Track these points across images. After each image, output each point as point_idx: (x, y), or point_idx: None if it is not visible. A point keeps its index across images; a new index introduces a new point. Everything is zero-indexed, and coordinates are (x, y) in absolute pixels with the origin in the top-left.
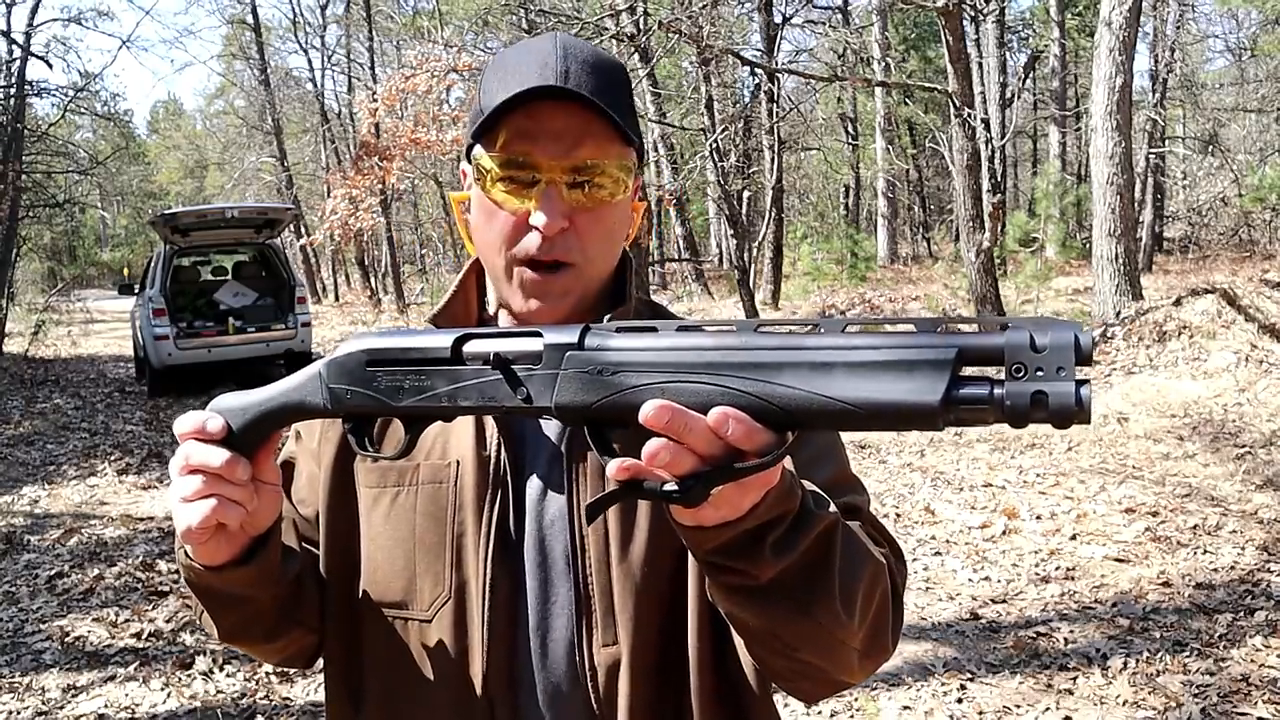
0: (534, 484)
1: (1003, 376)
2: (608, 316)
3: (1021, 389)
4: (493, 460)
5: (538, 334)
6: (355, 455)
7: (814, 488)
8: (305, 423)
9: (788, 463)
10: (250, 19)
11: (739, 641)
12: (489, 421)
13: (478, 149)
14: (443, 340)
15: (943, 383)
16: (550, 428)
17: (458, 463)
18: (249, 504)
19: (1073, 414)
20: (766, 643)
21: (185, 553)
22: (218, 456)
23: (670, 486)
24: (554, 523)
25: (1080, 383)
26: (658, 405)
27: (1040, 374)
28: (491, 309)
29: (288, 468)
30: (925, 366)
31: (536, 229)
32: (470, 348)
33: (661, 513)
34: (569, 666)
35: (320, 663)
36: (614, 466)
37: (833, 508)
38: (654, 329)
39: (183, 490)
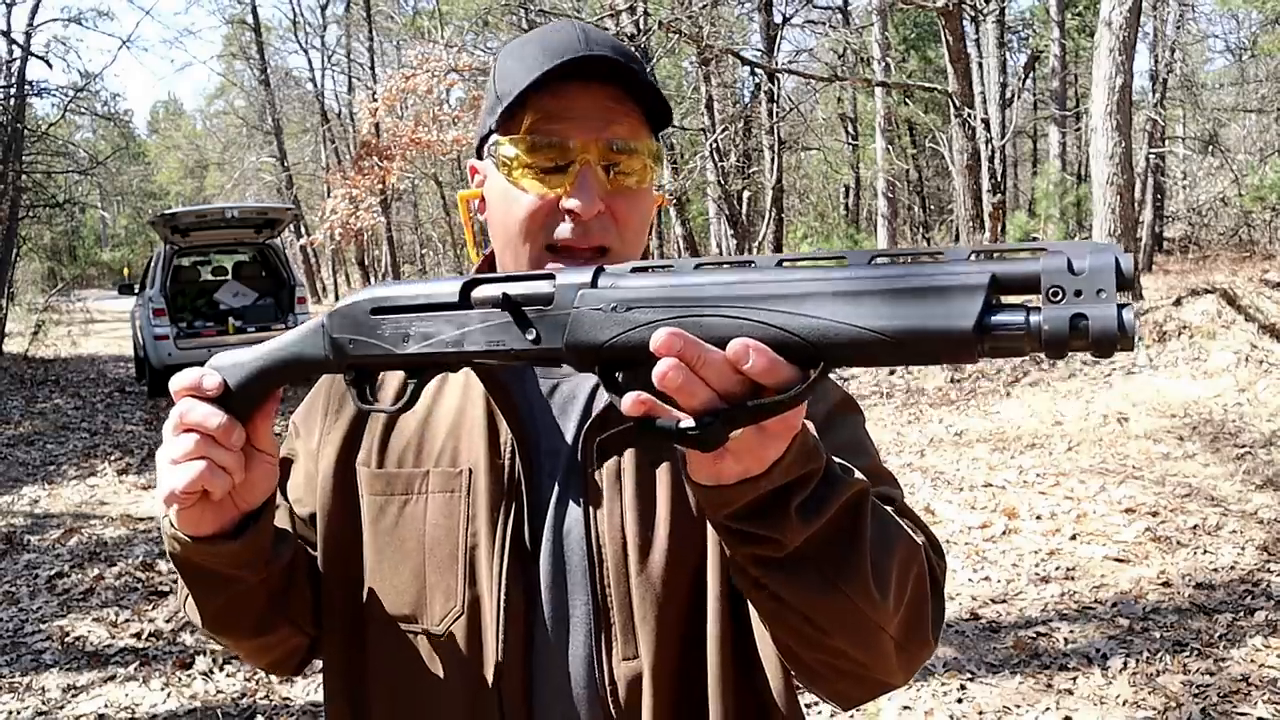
0: (550, 492)
1: (1039, 304)
2: None
3: (1060, 313)
4: (507, 468)
5: (550, 276)
6: (358, 459)
7: (841, 461)
8: (305, 420)
9: (811, 427)
10: (250, 19)
11: (766, 641)
12: (503, 428)
13: (496, 138)
14: (451, 286)
15: (976, 308)
16: (566, 433)
17: (470, 471)
18: (238, 473)
19: (1115, 339)
20: (796, 629)
21: (170, 521)
22: (214, 418)
23: (687, 423)
24: (571, 532)
25: (1122, 306)
26: (668, 332)
27: (1079, 297)
28: None
29: (285, 464)
30: (958, 292)
31: (572, 212)
32: (480, 292)
33: (682, 521)
34: (588, 681)
35: (318, 665)
36: (629, 400)
37: (860, 476)
38: (670, 267)
39: (173, 451)
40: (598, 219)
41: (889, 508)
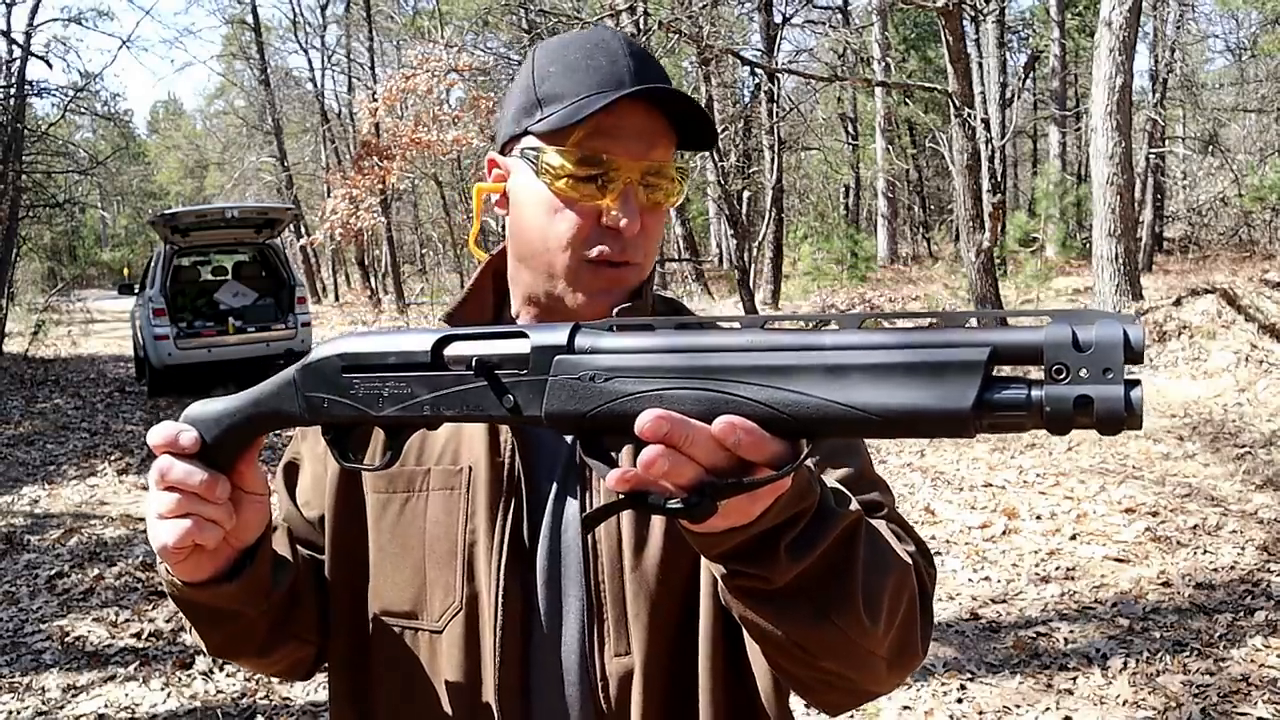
0: (548, 490)
1: (1041, 378)
2: (615, 310)
3: (1063, 393)
4: (506, 466)
5: (523, 334)
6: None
7: (835, 484)
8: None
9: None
10: (250, 19)
11: (756, 651)
12: (503, 426)
13: (539, 144)
14: (421, 342)
15: (974, 387)
16: None
17: (470, 469)
18: (227, 522)
19: (1121, 420)
20: (786, 651)
21: (165, 568)
22: (195, 475)
23: (675, 502)
24: (568, 529)
25: (1130, 384)
26: (654, 416)
27: (1085, 376)
28: (515, 308)
29: (292, 468)
30: (954, 369)
31: (615, 229)
32: (451, 350)
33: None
34: (581, 677)
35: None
36: (612, 478)
37: (855, 505)
38: (650, 327)
39: (158, 506)
40: (635, 236)
41: (879, 518)
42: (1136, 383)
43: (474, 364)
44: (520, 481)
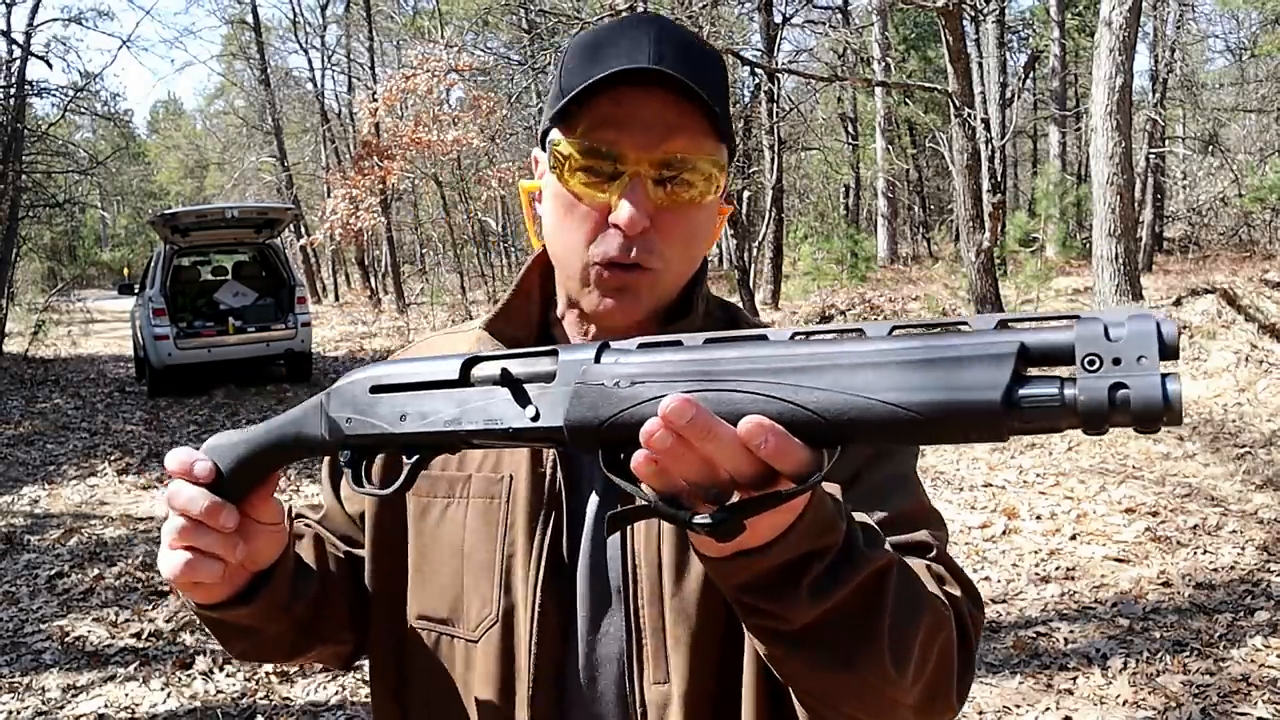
0: (590, 505)
1: (1074, 375)
2: (664, 328)
3: (1097, 383)
4: (548, 477)
5: (553, 353)
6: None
7: (867, 519)
8: None
9: (835, 490)
10: (250, 19)
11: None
12: (524, 448)
13: (555, 133)
14: (451, 364)
15: (1004, 380)
16: None
17: (510, 477)
18: (231, 555)
19: (1159, 411)
20: (808, 692)
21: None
22: (198, 504)
23: (702, 518)
24: (609, 548)
25: (1166, 375)
26: (678, 399)
27: (1118, 365)
28: (560, 309)
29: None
30: (983, 363)
31: (617, 227)
32: (480, 370)
33: None
34: (618, 703)
35: (317, 666)
36: (639, 457)
37: (887, 546)
38: (679, 343)
39: (167, 532)
40: (642, 237)
41: (923, 560)
42: (1173, 375)
43: (500, 373)
44: (561, 494)
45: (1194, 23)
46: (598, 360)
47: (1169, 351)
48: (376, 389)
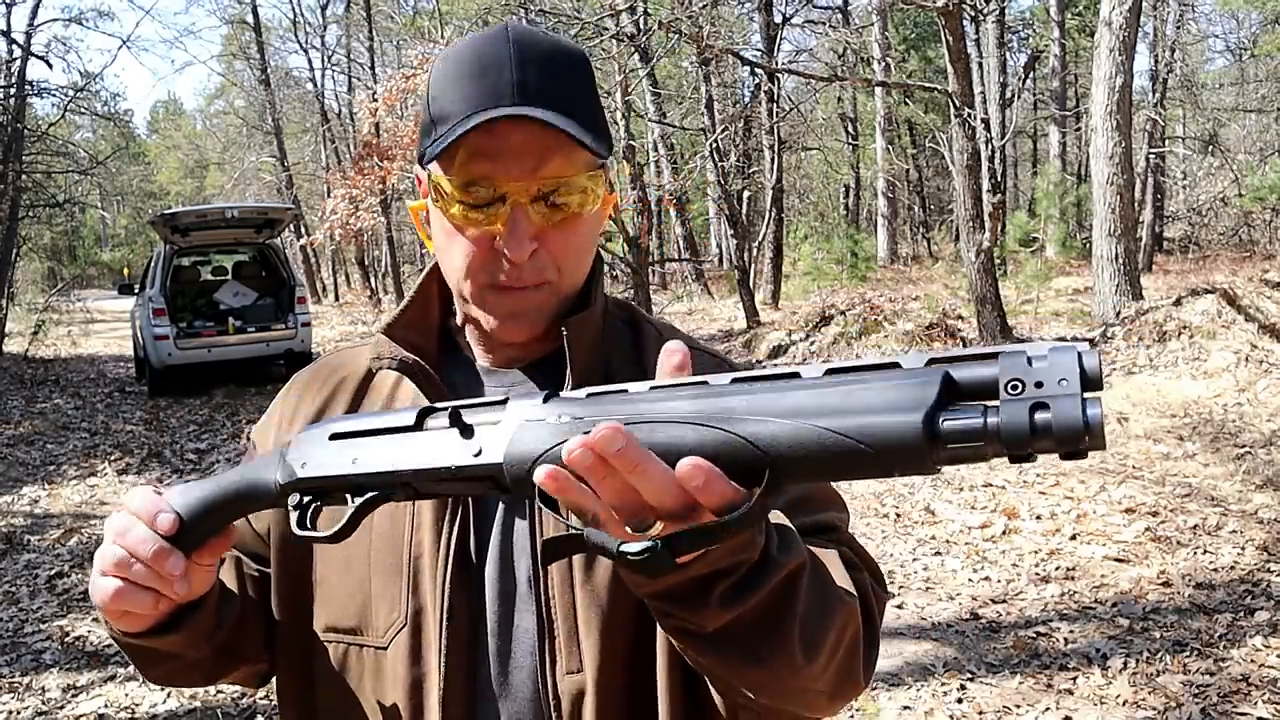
0: (497, 502)
1: (998, 404)
2: (564, 330)
3: (1019, 406)
4: None
5: (502, 402)
6: None
7: (785, 521)
8: (261, 430)
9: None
10: (250, 19)
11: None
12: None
13: (434, 166)
14: (409, 415)
15: (927, 409)
16: None
17: None
18: (171, 593)
19: (1079, 432)
20: (720, 680)
21: (102, 615)
22: (147, 547)
23: (635, 552)
24: (517, 542)
25: (1087, 398)
26: (609, 426)
27: (1040, 389)
28: (459, 319)
29: None
30: (908, 395)
31: (504, 256)
32: (434, 420)
33: None
34: (532, 696)
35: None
36: (542, 473)
37: (800, 547)
38: (624, 391)
39: (102, 557)
40: (532, 259)
41: (833, 544)
42: (1095, 399)
43: (450, 413)
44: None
45: (1194, 23)
46: (545, 402)
47: (1091, 381)
48: (335, 436)
